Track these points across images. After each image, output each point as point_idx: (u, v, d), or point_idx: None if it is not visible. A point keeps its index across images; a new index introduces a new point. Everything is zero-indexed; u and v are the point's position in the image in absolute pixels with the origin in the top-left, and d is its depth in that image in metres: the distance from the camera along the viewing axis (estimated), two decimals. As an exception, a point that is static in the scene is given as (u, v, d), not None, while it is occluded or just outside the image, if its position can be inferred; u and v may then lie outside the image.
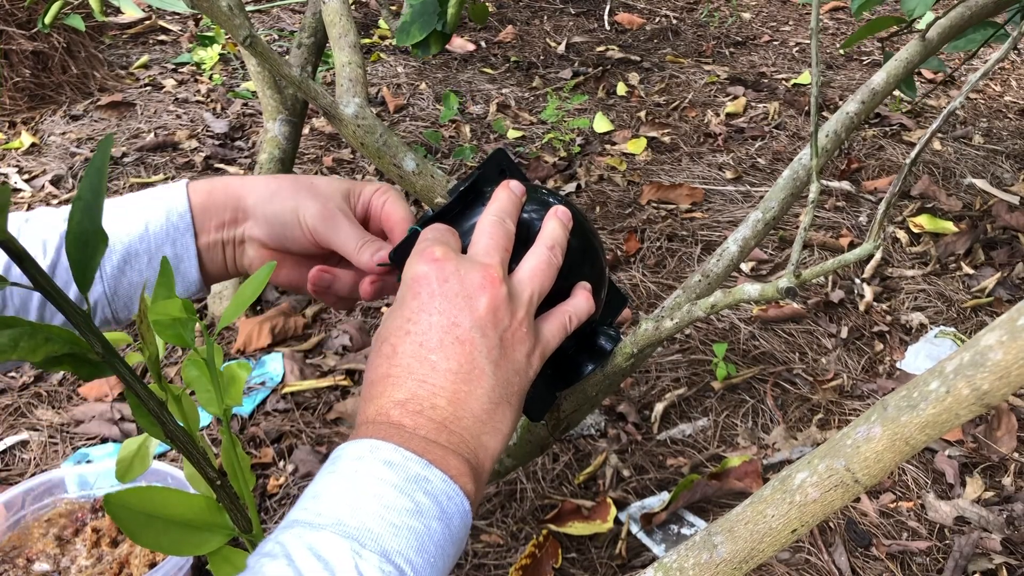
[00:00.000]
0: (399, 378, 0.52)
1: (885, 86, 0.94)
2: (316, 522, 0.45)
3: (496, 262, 0.55)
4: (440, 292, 0.53)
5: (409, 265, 0.56)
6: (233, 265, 0.70)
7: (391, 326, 0.54)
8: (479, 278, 0.54)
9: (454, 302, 0.53)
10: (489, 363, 0.52)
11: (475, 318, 0.53)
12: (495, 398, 0.52)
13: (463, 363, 0.52)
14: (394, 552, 0.44)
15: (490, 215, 0.59)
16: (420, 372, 0.52)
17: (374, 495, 0.46)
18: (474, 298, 0.53)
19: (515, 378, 0.54)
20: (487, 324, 0.53)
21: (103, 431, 1.45)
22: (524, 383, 0.55)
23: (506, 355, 0.54)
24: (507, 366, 0.54)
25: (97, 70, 2.60)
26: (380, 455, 0.47)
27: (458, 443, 0.51)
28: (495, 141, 2.39)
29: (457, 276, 0.54)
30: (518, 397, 0.55)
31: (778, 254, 1.93)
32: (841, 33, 3.21)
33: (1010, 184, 2.18)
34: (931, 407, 0.48)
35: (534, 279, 0.57)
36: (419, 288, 0.54)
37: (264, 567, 0.42)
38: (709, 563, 0.56)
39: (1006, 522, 1.29)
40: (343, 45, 0.75)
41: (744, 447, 1.43)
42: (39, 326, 0.43)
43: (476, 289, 0.53)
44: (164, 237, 0.66)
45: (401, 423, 0.50)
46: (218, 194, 0.68)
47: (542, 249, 0.58)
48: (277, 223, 0.67)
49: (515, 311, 0.55)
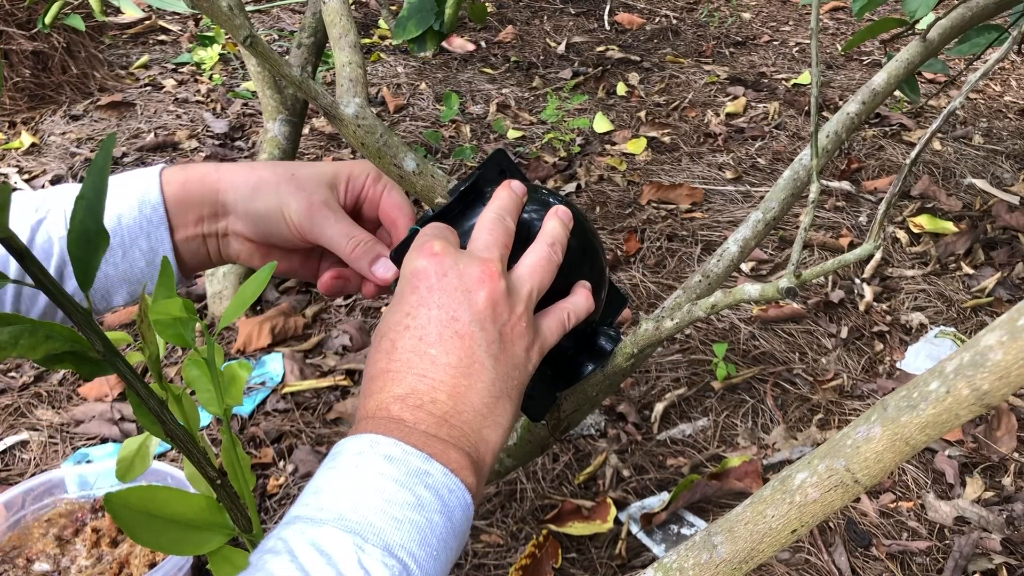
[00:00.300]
0: (398, 373, 0.52)
1: (886, 87, 0.94)
2: (318, 517, 0.45)
3: (495, 257, 0.55)
4: (439, 286, 0.53)
5: (408, 260, 0.56)
6: (218, 256, 0.69)
7: (390, 321, 0.54)
8: (478, 272, 0.54)
9: (453, 296, 0.53)
10: (489, 357, 0.52)
11: (474, 312, 0.53)
12: (495, 392, 0.52)
13: (463, 357, 0.52)
14: (396, 546, 0.44)
15: (490, 212, 0.59)
16: (419, 367, 0.51)
17: (375, 489, 0.46)
18: (473, 292, 0.53)
19: (515, 372, 0.54)
20: (486, 318, 0.53)
21: (103, 431, 1.45)
22: (524, 377, 0.55)
23: (505, 349, 0.54)
24: (507, 360, 0.54)
25: (97, 70, 2.60)
26: (380, 450, 0.47)
27: (459, 437, 0.50)
28: (495, 141, 2.39)
29: (456, 270, 0.54)
30: (518, 391, 0.55)
31: (778, 254, 1.93)
32: (841, 33, 3.21)
33: (1010, 184, 2.18)
34: (931, 407, 0.48)
35: (534, 275, 0.57)
36: (418, 282, 0.54)
37: (267, 563, 0.43)
38: (709, 563, 0.56)
39: (1006, 522, 1.29)
40: (343, 45, 0.75)
41: (744, 447, 1.43)
42: (40, 324, 0.43)
43: (475, 283, 0.53)
44: (138, 231, 0.65)
45: (401, 418, 0.50)
46: (193, 186, 0.66)
47: (542, 246, 0.58)
48: (261, 221, 0.65)
49: (514, 306, 0.54)
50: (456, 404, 0.51)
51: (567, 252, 0.60)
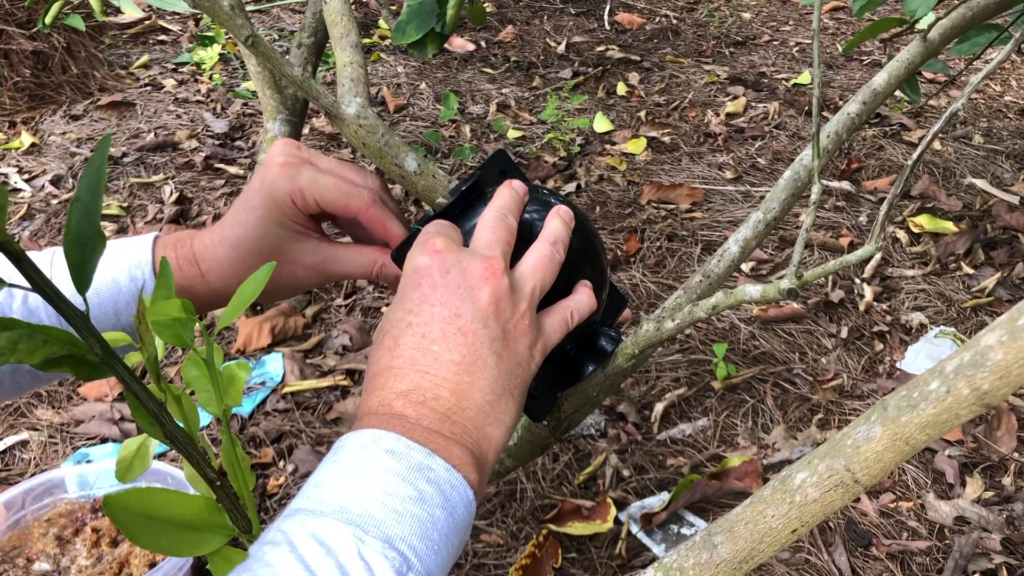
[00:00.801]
0: (401, 369, 0.51)
1: (886, 87, 0.94)
2: (319, 509, 0.45)
3: (498, 254, 0.55)
4: (442, 283, 0.53)
5: (410, 258, 0.55)
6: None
7: (393, 318, 0.54)
8: (481, 269, 0.53)
9: (456, 293, 0.53)
10: (492, 354, 0.52)
11: (477, 308, 0.52)
12: (498, 389, 0.52)
13: (466, 354, 0.52)
14: (397, 538, 0.44)
15: (492, 211, 0.58)
16: (423, 363, 0.51)
17: (377, 483, 0.46)
18: (476, 289, 0.53)
19: (518, 370, 0.54)
20: (489, 315, 0.53)
21: (103, 431, 1.45)
22: (527, 375, 0.55)
23: (508, 346, 0.53)
24: (510, 357, 0.53)
25: (97, 70, 2.60)
26: (383, 444, 0.47)
27: (461, 433, 0.50)
28: (495, 141, 2.39)
29: (459, 267, 0.53)
30: (520, 389, 0.54)
31: (778, 254, 1.93)
32: (841, 33, 3.21)
33: (1010, 184, 2.18)
34: (931, 407, 0.48)
35: (536, 273, 0.56)
36: (420, 279, 0.54)
37: (267, 554, 0.43)
38: (709, 563, 0.56)
39: (1006, 522, 1.29)
40: (345, 45, 0.75)
41: (744, 447, 1.43)
42: (38, 328, 0.43)
43: (478, 280, 0.53)
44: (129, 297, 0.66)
45: (404, 413, 0.50)
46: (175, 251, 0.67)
47: (545, 244, 0.58)
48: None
49: (517, 303, 0.54)
50: (459, 401, 0.51)
51: (568, 252, 0.60)
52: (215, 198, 2.10)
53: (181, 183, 2.16)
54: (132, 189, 2.13)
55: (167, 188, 2.13)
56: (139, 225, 1.99)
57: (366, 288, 1.80)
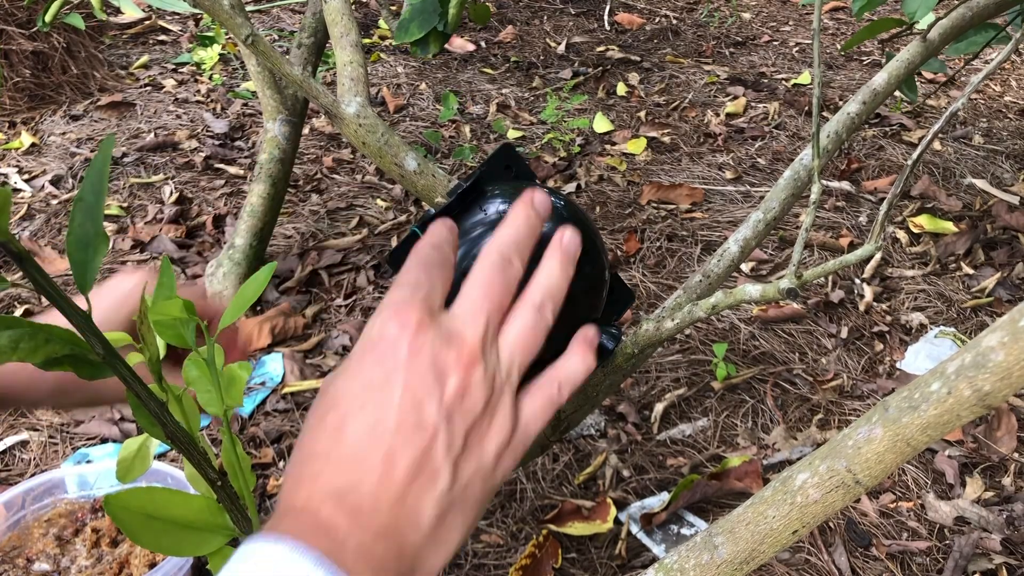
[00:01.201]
0: (342, 462, 0.44)
1: (886, 87, 0.94)
2: None
3: (478, 334, 0.46)
4: (408, 366, 0.45)
5: (380, 320, 0.46)
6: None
7: (343, 389, 0.46)
8: (454, 356, 0.45)
9: (424, 379, 0.45)
10: (447, 462, 0.44)
11: (442, 402, 0.44)
12: (445, 504, 0.44)
13: (418, 457, 0.44)
14: None
15: (494, 252, 0.49)
16: (369, 461, 0.44)
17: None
18: (445, 375, 0.45)
19: (476, 481, 0.46)
20: (454, 411, 0.45)
21: (103, 431, 1.45)
22: (487, 489, 0.47)
23: (470, 453, 0.45)
24: (468, 467, 0.45)
25: (97, 70, 2.60)
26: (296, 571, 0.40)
27: (393, 558, 0.43)
28: (495, 141, 2.39)
29: (431, 350, 0.45)
30: (476, 505, 0.46)
31: (778, 254, 1.93)
32: (841, 33, 3.21)
33: (1010, 184, 2.18)
34: (932, 408, 0.48)
35: (517, 350, 0.48)
36: (384, 355, 0.45)
37: None
38: (710, 564, 0.56)
39: (1006, 522, 1.29)
40: (345, 44, 0.75)
41: (744, 447, 1.43)
42: (39, 327, 0.43)
43: (451, 365, 0.45)
44: None
45: (334, 524, 0.42)
46: None
47: (529, 312, 0.48)
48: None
49: (490, 394, 0.46)
50: (397, 518, 0.43)
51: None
52: (215, 198, 2.10)
53: (181, 183, 2.16)
54: (132, 189, 2.14)
55: (167, 188, 2.13)
56: (139, 225, 1.99)
57: (366, 288, 1.80)
